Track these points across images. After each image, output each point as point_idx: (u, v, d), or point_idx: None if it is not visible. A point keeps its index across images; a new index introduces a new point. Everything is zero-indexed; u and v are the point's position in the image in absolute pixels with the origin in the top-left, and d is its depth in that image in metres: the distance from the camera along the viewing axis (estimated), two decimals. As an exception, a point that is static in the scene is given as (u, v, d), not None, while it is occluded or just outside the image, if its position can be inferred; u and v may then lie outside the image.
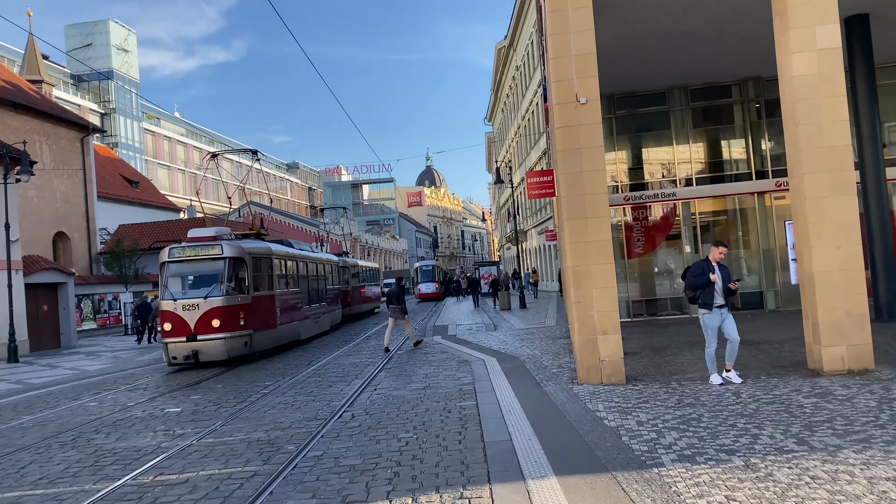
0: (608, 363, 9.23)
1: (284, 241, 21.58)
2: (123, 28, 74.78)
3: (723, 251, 8.89)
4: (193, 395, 11.60)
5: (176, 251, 16.02)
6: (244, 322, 15.76)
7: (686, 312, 18.60)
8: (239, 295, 15.88)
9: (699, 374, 9.54)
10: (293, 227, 73.40)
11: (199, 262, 15.94)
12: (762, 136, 18.76)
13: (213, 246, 15.92)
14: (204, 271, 15.90)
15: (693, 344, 12.72)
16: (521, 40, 47.76)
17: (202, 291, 15.59)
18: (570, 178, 9.42)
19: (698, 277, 8.86)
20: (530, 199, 18.64)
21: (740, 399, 7.75)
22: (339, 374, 12.86)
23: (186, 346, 15.20)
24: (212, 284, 15.66)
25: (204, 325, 15.23)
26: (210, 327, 15.22)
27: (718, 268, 8.87)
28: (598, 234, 9.27)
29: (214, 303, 15.42)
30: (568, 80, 9.38)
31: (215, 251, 15.84)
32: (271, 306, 17.43)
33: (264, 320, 16.83)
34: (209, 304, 15.39)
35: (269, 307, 17.26)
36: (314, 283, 22.56)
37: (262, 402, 10.28)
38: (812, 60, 8.96)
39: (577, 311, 9.33)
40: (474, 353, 14.43)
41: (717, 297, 8.84)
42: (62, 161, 36.15)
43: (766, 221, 18.66)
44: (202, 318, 15.24)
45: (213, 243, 16.04)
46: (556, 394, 8.82)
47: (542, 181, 15.24)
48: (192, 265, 16.02)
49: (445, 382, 10.82)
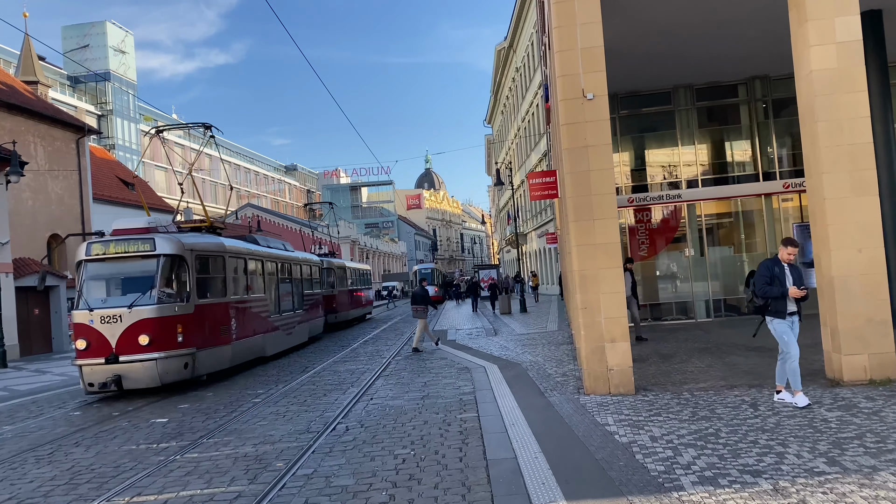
0: (616, 372, 8.77)
1: (248, 238, 18.01)
2: (121, 29, 74.37)
3: (792, 251, 7.67)
4: (182, 405, 11.12)
5: (96, 247, 12.70)
6: (184, 337, 12.46)
7: (691, 317, 18.16)
8: (177, 303, 12.57)
9: (711, 384, 9.07)
10: (289, 230, 72.98)
11: (124, 261, 12.67)
12: (770, 136, 18.31)
13: (143, 241, 12.60)
14: (131, 273, 12.72)
15: (702, 350, 12.28)
16: (520, 41, 47.37)
17: (127, 299, 12.37)
18: (577, 177, 8.96)
19: (770, 287, 7.61)
20: (532, 200, 18.19)
21: (759, 412, 7.28)
22: (334, 382, 12.38)
23: (105, 370, 11.95)
24: (141, 290, 12.39)
25: (128, 342, 11.97)
26: (136, 345, 11.97)
27: (789, 269, 7.71)
28: (606, 236, 8.81)
29: (142, 313, 12.07)
30: (574, 75, 8.93)
31: (146, 247, 12.56)
32: (223, 316, 14.07)
33: (213, 334, 13.56)
34: (135, 314, 12.09)
35: (219, 317, 13.91)
36: (287, 287, 19.42)
37: (253, 413, 9.81)
38: (831, 54, 8.51)
39: (583, 318, 8.87)
40: (475, 359, 13.96)
41: (790, 304, 7.68)
42: (57, 162, 35.71)
43: (773, 224, 18.20)
44: (126, 334, 11.98)
45: (143, 237, 12.68)
46: (562, 405, 8.35)
47: (545, 182, 14.79)
48: (116, 265, 12.73)
49: (445, 391, 10.35)
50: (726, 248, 18.75)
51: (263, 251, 17.55)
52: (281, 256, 19.08)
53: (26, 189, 30.24)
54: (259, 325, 16.31)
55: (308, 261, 22.63)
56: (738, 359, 11.08)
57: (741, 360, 10.98)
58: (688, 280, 18.31)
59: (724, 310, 18.27)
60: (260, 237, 19.30)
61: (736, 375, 9.60)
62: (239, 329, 14.82)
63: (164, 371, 12.18)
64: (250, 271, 16.12)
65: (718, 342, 13.27)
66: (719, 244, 18.75)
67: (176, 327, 12.44)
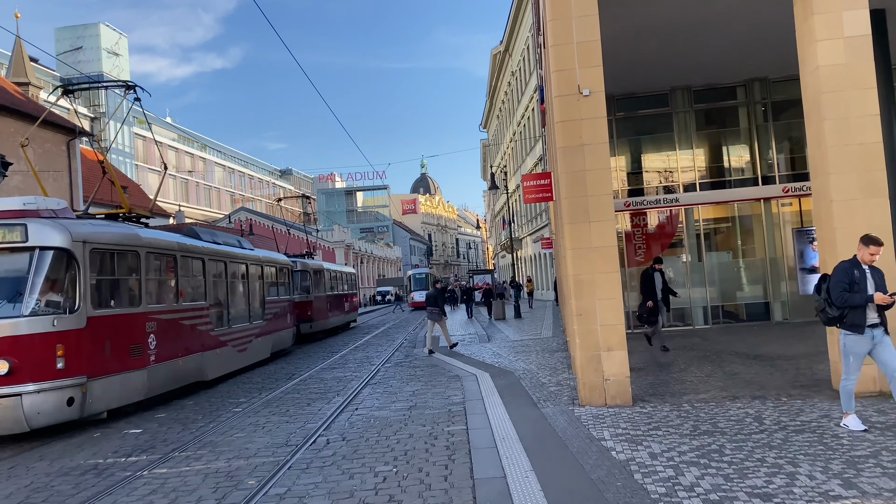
0: (613, 383, 8.33)
1: (187, 230, 14.76)
2: (115, 32, 73.85)
3: (876, 251, 6.49)
4: (159, 414, 10.63)
5: None
6: (68, 362, 9.17)
7: (689, 324, 17.75)
8: (57, 314, 9.23)
9: (712, 395, 8.64)
10: (283, 233, 72.45)
11: None
12: (769, 139, 17.93)
13: (10, 227, 9.30)
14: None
15: (701, 359, 11.85)
16: (516, 45, 47.07)
17: None
18: (572, 177, 8.54)
19: (851, 294, 6.43)
20: (526, 203, 17.78)
21: (764, 426, 6.84)
22: (320, 391, 11.91)
23: None
24: (5, 296, 9.11)
25: None
26: None
27: (871, 272, 6.55)
28: (603, 239, 8.38)
29: (3, 329, 8.86)
30: (569, 70, 8.52)
31: (14, 236, 9.26)
32: (134, 332, 10.75)
33: (117, 357, 10.19)
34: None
35: (128, 333, 10.58)
36: (241, 293, 16.05)
37: (232, 423, 9.33)
38: (839, 49, 8.12)
39: (578, 325, 8.44)
40: (466, 367, 13.50)
41: (871, 313, 6.46)
42: (47, 165, 35.20)
43: (772, 229, 17.81)
44: None
45: (11, 222, 9.35)
46: (556, 417, 7.90)
47: (539, 185, 14.37)
48: None
49: (433, 402, 9.89)
50: (724, 253, 18.36)
51: (203, 247, 14.05)
52: (231, 254, 15.54)
53: (16, 191, 29.73)
54: (195, 341, 12.99)
55: (273, 261, 19.31)
56: (739, 368, 10.66)
57: (742, 368, 10.56)
58: (685, 286, 17.89)
59: (722, 316, 17.87)
60: (205, 230, 16.08)
61: (737, 385, 9.17)
62: (161, 348, 11.47)
63: (35, 410, 8.80)
64: (183, 272, 12.82)
65: (718, 350, 12.85)
66: (717, 249, 18.35)
67: (55, 349, 9.12)
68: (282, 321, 19.43)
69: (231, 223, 61.31)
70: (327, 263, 29.16)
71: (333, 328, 27.60)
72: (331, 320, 26.61)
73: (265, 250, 20.52)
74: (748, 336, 14.93)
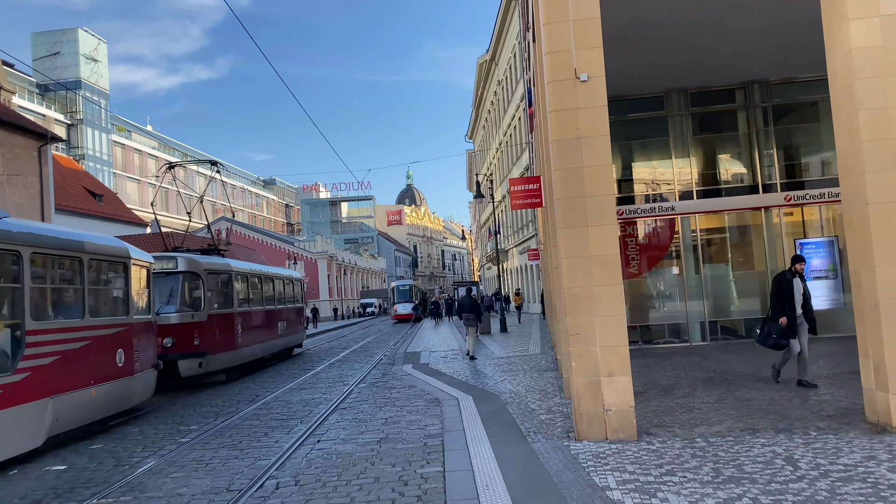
0: (615, 414, 7.15)
1: None
2: (93, 37, 72.33)
3: None
4: (95, 445, 9.30)
5: None
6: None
7: (685, 340, 16.65)
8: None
9: (727, 426, 7.49)
10: (263, 244, 70.99)
11: None
12: (770, 145, 16.95)
13: None
14: None
15: (706, 381, 10.71)
16: (503, 53, 46.22)
17: None
18: (567, 175, 7.40)
19: None
20: (513, 210, 16.62)
21: (801, 471, 5.69)
22: (283, 416, 10.62)
23: None
24: None
25: None
26: None
27: None
28: (603, 246, 7.23)
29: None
30: (565, 52, 7.40)
31: None
32: None
33: None
34: None
35: None
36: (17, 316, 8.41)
37: (172, 458, 8.04)
38: (874, 29, 7.05)
39: (574, 346, 7.26)
40: (447, 388, 12.29)
41: None
42: (16, 170, 33.68)
43: (773, 239, 16.79)
44: None
45: None
46: (549, 456, 6.70)
47: (527, 190, 13.24)
48: None
49: (408, 432, 8.65)
50: (722, 265, 17.30)
51: None
52: None
53: (-30, 198, 28.22)
54: None
55: (99, 252, 10.62)
56: (751, 392, 9.53)
57: (755, 393, 9.43)
58: (681, 300, 16.81)
59: (720, 332, 16.79)
60: None
61: (754, 415, 8.03)
62: None
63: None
64: None
65: (722, 371, 11.72)
66: (715, 261, 17.29)
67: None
68: (110, 364, 10.54)
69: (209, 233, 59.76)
70: (244, 263, 19.65)
71: (253, 361, 18.40)
72: (245, 350, 17.43)
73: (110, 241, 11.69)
74: (751, 354, 13.82)
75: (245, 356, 17.52)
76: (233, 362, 16.61)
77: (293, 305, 23.56)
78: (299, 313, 24.61)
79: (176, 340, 14.27)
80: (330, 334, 38.40)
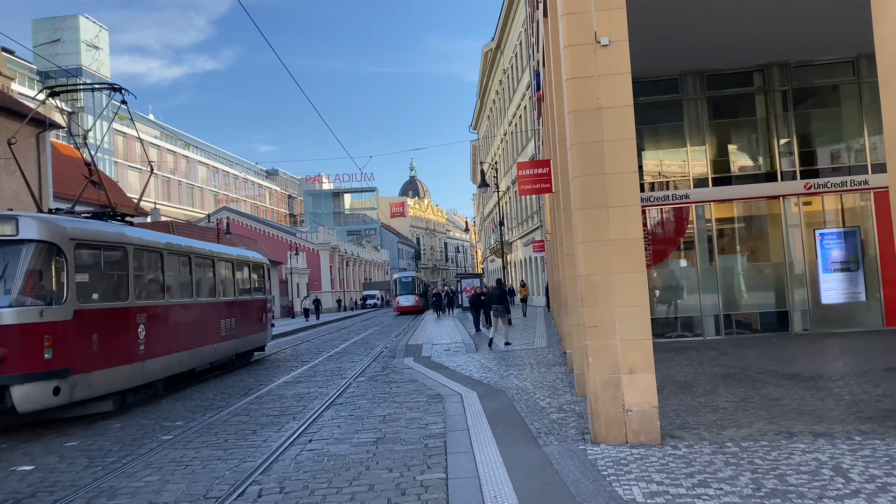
0: (636, 415, 6.45)
1: None
2: (94, 24, 71.58)
3: None
4: (70, 442, 8.64)
5: None
6: None
7: (698, 334, 15.94)
8: None
9: (758, 429, 6.79)
10: (265, 234, 70.35)
11: None
12: (789, 130, 16.17)
13: None
14: None
15: (727, 378, 10.02)
16: (508, 41, 45.34)
17: None
18: (585, 150, 6.67)
19: None
20: (521, 195, 15.89)
21: (854, 484, 4.99)
22: (275, 412, 9.96)
23: None
24: None
25: None
26: None
27: None
28: (625, 229, 6.52)
29: None
30: (584, 13, 6.66)
31: None
32: None
33: None
34: None
35: None
36: None
37: (150, 459, 7.37)
38: (931, -12, 6.30)
39: (591, 339, 6.56)
40: (450, 383, 11.61)
41: None
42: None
43: (791, 230, 16.03)
44: None
45: None
46: (564, 462, 6.01)
47: (536, 174, 12.52)
48: None
49: (407, 432, 7.97)
50: (738, 256, 16.56)
51: None
52: None
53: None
54: None
55: None
56: (777, 390, 8.83)
57: (781, 391, 8.73)
58: (694, 292, 16.09)
59: (735, 326, 16.07)
60: None
61: (786, 416, 7.33)
62: None
63: None
64: None
65: (742, 367, 11.02)
66: (730, 252, 16.55)
67: None
68: None
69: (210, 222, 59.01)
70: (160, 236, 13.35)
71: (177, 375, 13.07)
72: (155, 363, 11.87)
73: None
74: (769, 349, 13.15)
75: (155, 371, 11.83)
76: (130, 381, 11.00)
77: (250, 298, 17.59)
78: (261, 308, 18.50)
79: (8, 352, 8.88)
80: (330, 326, 37.78)
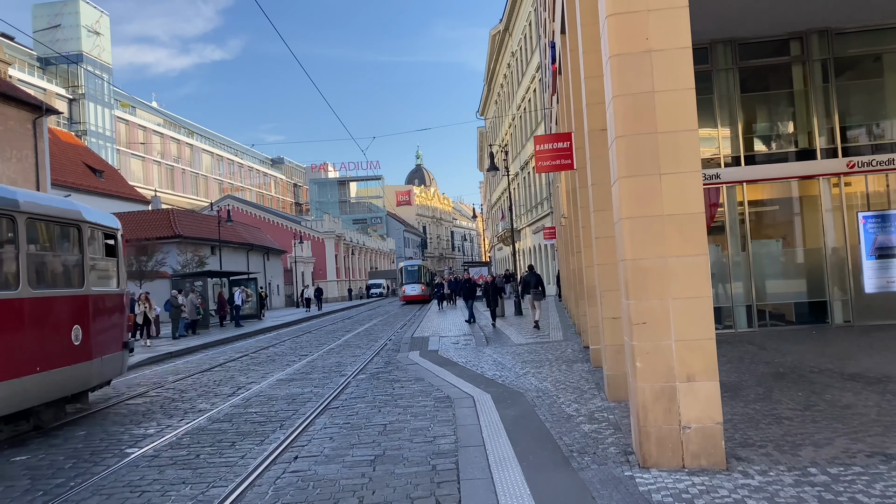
0: (696, 432, 5.17)
1: None
2: (95, 9, 70.22)
3: None
4: (21, 455, 7.42)
5: None
6: None
7: (729, 325, 14.62)
8: None
9: (842, 448, 5.51)
10: (269, 222, 69.24)
11: None
12: (830, 104, 14.75)
13: None
14: None
15: (777, 378, 8.73)
16: (517, 23, 43.86)
17: None
18: (631, 104, 5.37)
19: None
20: (538, 172, 14.55)
21: None
22: (260, 418, 8.72)
23: None
24: None
25: None
26: None
27: None
28: (683, 202, 5.22)
29: None
30: (629, -69, 5.33)
31: None
32: None
33: None
34: None
35: None
36: None
37: (102, 483, 6.15)
38: None
39: (639, 339, 5.27)
40: (460, 382, 10.35)
41: None
42: (9, 143, 31.94)
43: (832, 213, 14.67)
44: None
45: None
46: (609, 494, 4.74)
47: (555, 149, 11.18)
48: None
49: (411, 447, 6.70)
50: (773, 241, 15.21)
51: None
52: None
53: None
54: None
55: None
56: (844, 395, 7.53)
57: (850, 396, 7.43)
58: (725, 280, 14.76)
59: (769, 318, 14.75)
60: None
61: (868, 429, 6.05)
62: None
63: None
64: None
65: (791, 364, 9.71)
66: (765, 237, 15.19)
67: None
68: None
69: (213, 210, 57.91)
70: None
71: None
72: None
73: None
74: (812, 344, 11.86)
75: None
76: None
77: (73, 293, 9.02)
78: (110, 312, 10.13)
79: None
80: (333, 316, 36.59)
